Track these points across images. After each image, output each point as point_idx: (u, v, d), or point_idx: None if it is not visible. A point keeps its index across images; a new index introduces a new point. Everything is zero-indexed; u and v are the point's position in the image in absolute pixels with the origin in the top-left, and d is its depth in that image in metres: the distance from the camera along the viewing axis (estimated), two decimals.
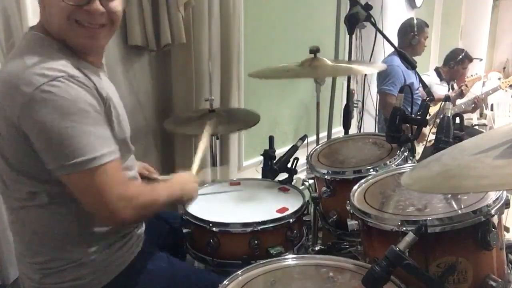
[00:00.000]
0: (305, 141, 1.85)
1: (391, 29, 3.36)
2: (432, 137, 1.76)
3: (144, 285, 1.16)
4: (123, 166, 1.11)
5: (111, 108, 1.06)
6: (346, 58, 2.23)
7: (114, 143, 1.03)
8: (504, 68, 7.15)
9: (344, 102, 2.08)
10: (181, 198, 1.30)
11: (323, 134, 2.77)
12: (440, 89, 3.88)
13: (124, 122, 1.14)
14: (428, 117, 1.56)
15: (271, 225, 1.32)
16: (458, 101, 3.76)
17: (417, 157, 2.20)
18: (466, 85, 3.76)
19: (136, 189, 1.12)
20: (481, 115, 5.49)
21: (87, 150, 0.95)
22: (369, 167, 1.44)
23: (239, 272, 1.06)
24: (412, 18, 3.33)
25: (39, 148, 0.96)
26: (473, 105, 3.73)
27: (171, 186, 1.26)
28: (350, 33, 1.95)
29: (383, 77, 3.05)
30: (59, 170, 0.96)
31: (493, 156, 0.75)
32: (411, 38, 3.18)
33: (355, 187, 1.27)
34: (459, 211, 1.00)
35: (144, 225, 1.27)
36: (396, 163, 1.44)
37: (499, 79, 5.22)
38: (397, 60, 2.96)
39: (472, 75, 3.90)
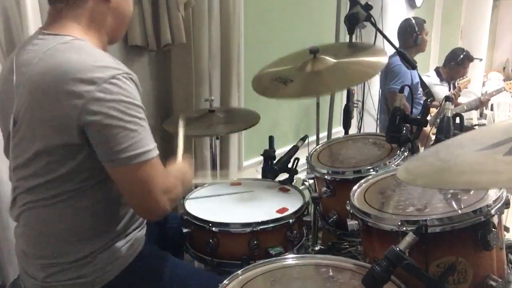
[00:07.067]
0: (306, 141, 1.85)
1: (391, 29, 3.36)
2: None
3: (145, 285, 1.17)
4: None
5: None
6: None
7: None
8: (504, 68, 7.17)
9: (344, 102, 2.08)
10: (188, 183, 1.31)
11: (323, 134, 2.77)
12: (441, 89, 3.88)
13: None
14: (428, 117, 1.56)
15: (271, 225, 1.32)
16: (460, 101, 3.77)
17: None
18: (460, 88, 3.78)
19: (172, 179, 1.14)
20: (481, 115, 5.49)
21: (142, 144, 1.01)
22: (369, 167, 1.44)
23: (239, 272, 1.07)
24: (409, 19, 3.33)
25: (95, 142, 1.00)
26: (476, 105, 3.75)
27: (183, 172, 1.28)
28: (350, 33, 1.94)
29: (391, 77, 3.04)
30: (113, 162, 1.00)
31: (503, 152, 0.74)
32: (415, 38, 3.20)
33: (355, 187, 1.27)
34: (459, 211, 1.00)
35: (145, 225, 1.27)
36: (396, 163, 1.44)
37: (504, 80, 5.22)
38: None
39: (462, 78, 3.93)
